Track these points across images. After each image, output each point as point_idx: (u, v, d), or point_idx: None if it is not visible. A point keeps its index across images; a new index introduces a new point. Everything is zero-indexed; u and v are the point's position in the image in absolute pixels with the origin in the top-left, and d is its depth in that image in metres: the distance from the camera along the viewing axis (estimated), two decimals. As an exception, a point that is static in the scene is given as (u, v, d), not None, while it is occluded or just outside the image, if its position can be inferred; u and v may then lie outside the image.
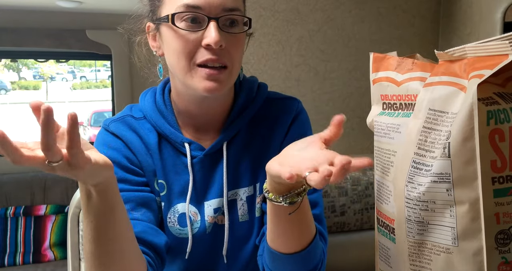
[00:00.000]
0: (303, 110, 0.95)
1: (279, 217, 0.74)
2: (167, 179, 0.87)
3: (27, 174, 2.78)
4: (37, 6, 2.57)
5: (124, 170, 0.84)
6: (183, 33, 0.76)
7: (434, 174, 0.55)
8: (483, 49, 0.54)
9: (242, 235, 0.89)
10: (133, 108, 0.92)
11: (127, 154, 0.86)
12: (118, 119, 0.89)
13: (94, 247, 0.67)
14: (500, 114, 0.52)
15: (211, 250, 0.89)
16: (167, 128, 0.87)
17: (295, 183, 0.67)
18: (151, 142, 0.87)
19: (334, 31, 1.60)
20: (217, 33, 0.74)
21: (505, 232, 0.52)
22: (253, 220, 0.90)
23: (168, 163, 0.87)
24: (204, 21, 0.76)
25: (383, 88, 0.67)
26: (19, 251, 2.61)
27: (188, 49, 0.77)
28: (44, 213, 2.68)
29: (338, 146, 1.70)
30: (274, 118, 0.89)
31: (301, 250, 0.76)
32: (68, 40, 2.85)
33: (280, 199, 0.70)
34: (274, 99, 0.94)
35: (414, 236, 0.58)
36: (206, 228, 0.88)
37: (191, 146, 0.86)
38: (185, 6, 0.75)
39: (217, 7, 0.76)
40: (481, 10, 1.45)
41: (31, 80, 18.41)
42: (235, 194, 0.89)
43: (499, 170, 0.52)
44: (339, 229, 1.51)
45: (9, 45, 2.83)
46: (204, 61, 0.76)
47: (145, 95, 0.93)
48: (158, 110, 0.88)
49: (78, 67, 19.89)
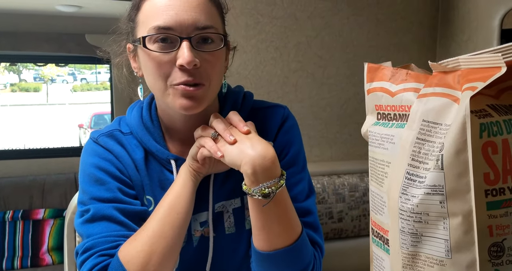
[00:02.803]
0: (289, 117, 0.94)
1: (255, 210, 0.77)
2: (154, 194, 0.87)
3: (26, 178, 2.78)
4: (37, 10, 2.57)
5: (117, 180, 0.84)
6: (156, 55, 0.76)
7: (427, 186, 0.55)
8: (476, 61, 0.54)
9: (229, 248, 0.90)
10: (121, 121, 0.92)
11: (118, 166, 0.86)
12: (106, 134, 0.89)
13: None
14: (493, 126, 0.52)
15: (197, 263, 0.89)
16: (152, 145, 0.87)
17: (266, 176, 0.73)
18: (138, 157, 0.87)
19: (332, 37, 1.60)
20: (190, 53, 0.74)
21: (498, 245, 0.52)
22: (241, 232, 0.90)
23: (155, 179, 0.87)
24: (176, 41, 0.75)
25: (378, 98, 0.67)
26: (17, 255, 2.60)
27: (163, 70, 0.77)
28: (42, 217, 2.68)
29: (336, 152, 1.71)
30: (261, 126, 0.89)
31: (284, 247, 0.77)
32: (67, 44, 2.87)
33: (252, 190, 0.72)
34: (260, 109, 0.94)
35: (408, 247, 0.58)
36: (193, 241, 0.88)
37: (177, 162, 0.86)
38: (156, 28, 0.75)
39: (188, 27, 0.75)
40: (479, 17, 1.45)
41: (31, 82, 18.42)
42: (222, 206, 0.89)
43: (492, 182, 0.52)
44: (337, 235, 1.51)
45: (9, 49, 2.84)
46: (179, 83, 0.77)
47: (132, 109, 0.93)
48: (144, 126, 0.88)
49: (78, 69, 19.90)
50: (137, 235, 0.79)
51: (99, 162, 0.85)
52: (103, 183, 0.83)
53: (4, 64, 14.43)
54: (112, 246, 0.79)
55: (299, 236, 0.79)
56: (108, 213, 0.81)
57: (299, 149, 0.94)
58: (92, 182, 0.84)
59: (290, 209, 0.79)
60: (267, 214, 0.76)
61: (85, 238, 0.81)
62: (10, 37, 2.77)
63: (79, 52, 2.87)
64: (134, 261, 0.75)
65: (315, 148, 1.60)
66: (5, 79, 17.33)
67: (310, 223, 0.88)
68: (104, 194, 0.82)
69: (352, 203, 1.48)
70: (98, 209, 0.81)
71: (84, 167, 0.86)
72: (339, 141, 1.65)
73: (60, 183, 2.80)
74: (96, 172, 0.84)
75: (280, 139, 0.92)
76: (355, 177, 1.49)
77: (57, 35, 2.82)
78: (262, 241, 0.78)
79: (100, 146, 0.87)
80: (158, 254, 0.76)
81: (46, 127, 11.50)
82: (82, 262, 0.79)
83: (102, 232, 0.80)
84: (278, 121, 0.92)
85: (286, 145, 0.92)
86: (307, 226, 0.87)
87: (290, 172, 0.89)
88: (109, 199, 0.82)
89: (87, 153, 0.87)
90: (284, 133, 0.92)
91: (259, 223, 0.77)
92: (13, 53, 2.97)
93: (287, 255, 0.77)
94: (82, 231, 0.82)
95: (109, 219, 0.81)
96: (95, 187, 0.83)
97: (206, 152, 0.79)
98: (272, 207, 0.75)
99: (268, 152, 0.75)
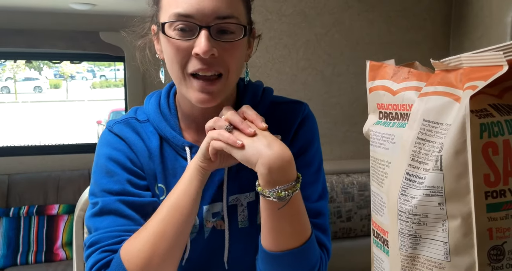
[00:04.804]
0: (310, 114, 0.93)
1: (268, 212, 0.75)
2: (166, 183, 0.87)
3: (41, 174, 2.83)
4: (51, 8, 2.60)
5: (127, 171, 0.85)
6: (174, 41, 0.76)
7: (426, 187, 0.53)
8: (478, 59, 0.53)
9: (241, 242, 0.89)
10: (138, 110, 0.92)
11: (130, 156, 0.86)
12: (122, 121, 0.89)
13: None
14: (493, 127, 0.50)
15: (209, 256, 0.88)
16: (168, 132, 0.86)
17: (282, 178, 0.71)
18: (153, 145, 0.87)
19: (342, 35, 1.59)
20: (207, 43, 0.72)
21: (498, 248, 0.50)
22: (254, 227, 0.89)
23: (169, 166, 0.87)
24: (195, 30, 0.74)
25: (379, 97, 0.66)
26: (32, 250, 2.64)
27: (180, 58, 0.76)
28: (56, 212, 2.72)
29: (345, 150, 1.69)
30: (280, 122, 0.87)
31: (292, 248, 0.76)
32: (82, 42, 2.89)
33: (267, 193, 0.71)
34: (280, 103, 0.92)
35: (407, 249, 0.57)
36: (205, 232, 0.87)
37: (192, 150, 0.86)
38: (176, 15, 0.74)
39: (209, 16, 0.74)
40: (492, 13, 1.42)
41: (52, 79, 18.67)
42: (236, 199, 0.88)
43: (493, 184, 0.50)
44: (345, 234, 1.49)
45: (24, 47, 2.88)
46: (195, 71, 0.76)
47: (150, 98, 0.93)
48: (161, 113, 0.88)
49: (98, 66, 20.12)
50: (140, 233, 0.78)
51: (111, 152, 0.85)
52: (113, 174, 0.84)
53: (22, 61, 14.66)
54: (116, 242, 0.79)
55: (308, 238, 0.78)
56: (115, 207, 0.81)
57: (317, 148, 0.92)
58: (103, 173, 0.84)
59: (302, 211, 0.77)
60: (278, 216, 0.74)
61: (93, 232, 0.82)
62: (26, 35, 2.81)
63: (94, 49, 2.89)
64: (134, 260, 0.75)
65: (324, 146, 1.58)
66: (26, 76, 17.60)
67: (319, 225, 0.87)
68: (113, 186, 0.83)
69: (361, 202, 1.47)
70: (106, 202, 0.81)
71: (97, 158, 0.87)
72: (349, 140, 1.64)
73: (74, 179, 2.84)
74: (107, 163, 0.85)
75: (298, 137, 0.90)
76: (365, 176, 1.48)
77: (72, 33, 2.85)
78: (271, 242, 0.77)
79: (114, 134, 0.88)
80: (158, 254, 0.76)
81: (65, 124, 11.66)
82: (87, 256, 0.80)
83: (108, 226, 0.80)
84: (297, 118, 0.90)
85: (304, 143, 0.90)
86: (317, 227, 0.86)
87: (306, 171, 0.86)
88: (117, 192, 0.82)
89: (101, 143, 0.88)
90: (303, 131, 0.90)
91: (269, 223, 0.75)
92: (29, 51, 3.00)
93: (294, 256, 0.77)
94: (90, 224, 0.83)
95: (115, 213, 0.81)
96: (105, 178, 0.84)
97: (219, 145, 0.75)
98: (285, 209, 0.73)
99: (285, 152, 0.72)
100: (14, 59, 4.05)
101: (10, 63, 14.37)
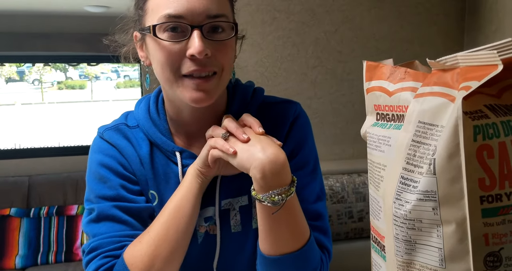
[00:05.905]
0: (302, 114, 0.91)
1: (264, 216, 0.75)
2: (158, 189, 0.87)
3: (60, 175, 2.87)
4: (67, 11, 2.64)
5: (120, 177, 0.85)
6: (166, 44, 0.74)
7: (420, 191, 0.52)
8: (473, 58, 0.51)
9: (234, 247, 0.88)
10: (128, 116, 0.92)
11: (122, 161, 0.86)
12: (112, 128, 0.89)
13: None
14: (488, 129, 0.48)
15: (202, 261, 0.88)
16: (158, 137, 0.86)
17: (276, 183, 0.71)
18: (143, 151, 0.87)
19: (352, 32, 1.56)
20: (201, 43, 0.72)
21: (494, 254, 0.49)
22: (247, 231, 0.88)
23: (160, 172, 0.87)
24: (187, 30, 0.73)
25: (376, 98, 0.64)
26: (52, 250, 2.69)
27: (172, 60, 0.75)
28: (76, 212, 2.76)
29: (358, 150, 1.67)
30: (271, 123, 0.86)
31: (291, 252, 0.75)
32: (97, 44, 2.92)
33: (262, 197, 0.71)
34: (271, 104, 0.91)
35: (402, 255, 0.56)
36: (198, 237, 0.87)
37: (183, 154, 0.85)
38: (166, 16, 0.73)
39: (200, 15, 0.73)
40: (506, 7, 1.38)
41: (77, 80, 18.95)
42: (228, 204, 0.87)
43: (488, 188, 0.48)
44: (357, 235, 1.47)
45: (42, 50, 2.93)
46: (189, 72, 0.75)
47: (140, 103, 0.92)
48: (150, 118, 0.88)
49: (121, 67, 20.32)
50: (142, 237, 0.79)
51: (103, 158, 0.86)
52: (106, 180, 0.84)
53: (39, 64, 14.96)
54: (118, 247, 0.79)
55: (307, 241, 0.77)
56: (111, 213, 0.81)
57: (311, 148, 0.91)
58: (97, 179, 0.85)
59: (299, 214, 0.77)
60: (275, 220, 0.74)
61: (91, 238, 0.82)
62: (43, 39, 2.86)
63: (109, 51, 2.92)
64: (138, 264, 0.76)
65: (336, 145, 1.57)
66: (52, 77, 17.92)
67: (319, 227, 0.86)
68: (107, 192, 0.83)
69: (373, 201, 1.44)
70: (102, 208, 0.82)
71: (89, 164, 0.88)
72: (361, 139, 1.59)
73: (93, 179, 2.87)
74: (100, 169, 0.85)
75: (291, 137, 0.89)
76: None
77: (88, 35, 2.88)
78: (269, 246, 0.76)
79: (105, 140, 0.88)
80: (162, 258, 0.76)
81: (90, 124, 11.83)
82: (87, 262, 0.80)
83: (107, 232, 0.81)
84: (289, 118, 0.89)
85: (297, 143, 0.89)
86: (316, 229, 0.85)
87: (301, 172, 0.86)
88: (112, 197, 0.83)
89: (93, 150, 0.89)
90: (295, 131, 0.89)
91: (266, 227, 0.75)
92: (46, 54, 3.05)
93: (294, 260, 0.76)
94: (88, 230, 0.83)
95: (113, 219, 0.81)
96: (99, 184, 0.84)
97: (217, 153, 0.77)
98: (281, 213, 0.73)
99: (279, 156, 0.72)
100: (32, 62, 4.12)
101: (37, 66, 14.66)
